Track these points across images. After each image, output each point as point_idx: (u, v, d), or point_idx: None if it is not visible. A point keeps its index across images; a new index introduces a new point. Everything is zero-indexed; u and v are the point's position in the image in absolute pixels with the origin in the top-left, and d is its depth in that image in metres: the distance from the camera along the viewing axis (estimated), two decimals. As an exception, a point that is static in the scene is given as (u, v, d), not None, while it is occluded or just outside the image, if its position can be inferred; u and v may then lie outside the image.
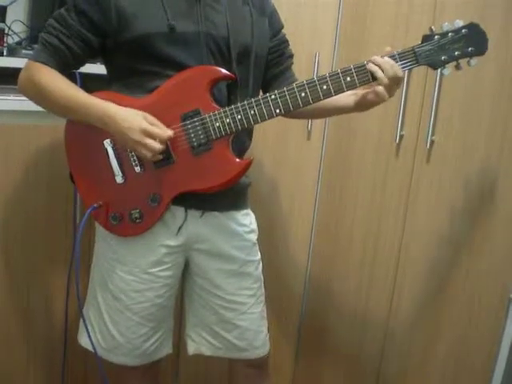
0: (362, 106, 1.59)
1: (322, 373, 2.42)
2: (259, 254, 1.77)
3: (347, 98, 1.61)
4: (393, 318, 2.23)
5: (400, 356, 2.25)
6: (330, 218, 2.27)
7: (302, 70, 1.96)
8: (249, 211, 1.76)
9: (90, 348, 1.70)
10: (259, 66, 1.67)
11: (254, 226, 1.77)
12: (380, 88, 1.47)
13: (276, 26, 1.73)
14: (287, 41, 1.78)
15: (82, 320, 1.71)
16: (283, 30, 1.76)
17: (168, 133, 1.48)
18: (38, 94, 1.53)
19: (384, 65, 1.45)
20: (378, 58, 1.46)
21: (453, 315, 2.13)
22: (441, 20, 1.88)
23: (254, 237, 1.75)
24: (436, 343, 2.17)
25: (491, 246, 2.04)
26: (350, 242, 2.26)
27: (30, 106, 1.57)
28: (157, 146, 1.45)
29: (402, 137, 2.09)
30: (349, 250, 2.27)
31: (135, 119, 1.46)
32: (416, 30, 2.00)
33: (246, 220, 1.73)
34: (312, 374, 2.43)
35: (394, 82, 1.47)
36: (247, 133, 1.68)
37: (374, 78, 1.47)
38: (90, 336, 1.68)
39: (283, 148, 2.24)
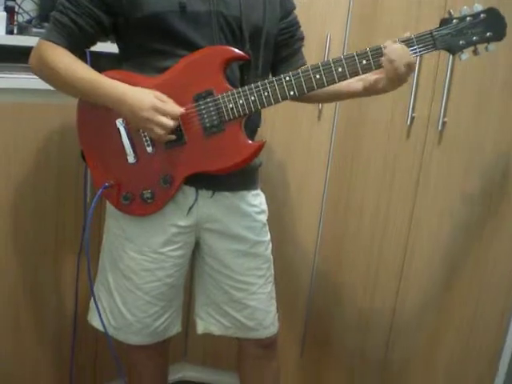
0: (372, 91, 1.57)
1: (328, 357, 2.43)
2: (269, 234, 1.77)
3: (355, 82, 1.60)
4: (400, 304, 2.23)
5: (406, 344, 2.26)
6: (339, 199, 2.27)
7: (313, 51, 1.95)
8: (259, 192, 1.76)
9: (100, 328, 1.71)
10: (269, 47, 1.65)
11: (265, 206, 1.77)
12: (391, 75, 1.45)
13: (288, 7, 1.70)
14: (298, 23, 1.76)
15: (92, 299, 1.72)
16: (295, 12, 1.74)
17: (179, 109, 1.47)
18: (48, 73, 1.53)
19: (396, 51, 1.44)
20: (390, 44, 1.45)
21: (461, 302, 2.13)
22: (453, 3, 1.88)
23: (264, 217, 1.75)
24: (443, 331, 2.18)
25: (502, 231, 2.03)
26: (359, 224, 2.26)
27: (41, 84, 1.57)
28: (169, 122, 1.45)
29: (413, 118, 2.07)
30: (358, 233, 2.26)
31: (145, 97, 1.45)
32: (429, 10, 1.98)
33: (257, 200, 1.73)
34: (318, 358, 2.44)
35: (406, 69, 1.45)
36: (258, 113, 1.67)
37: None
38: (100, 315, 1.69)
39: (294, 128, 2.23)
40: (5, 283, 1.90)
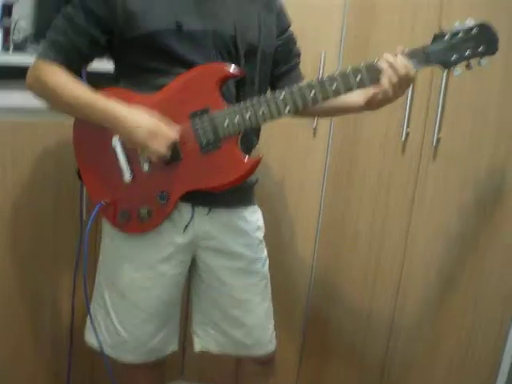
0: (372, 105, 1.57)
1: (326, 367, 2.42)
2: (266, 251, 1.77)
3: (357, 96, 1.60)
4: (398, 313, 2.23)
5: (405, 354, 2.26)
6: (335, 215, 2.27)
7: (308, 69, 1.95)
8: (256, 208, 1.76)
9: (96, 346, 1.70)
10: (266, 64, 1.66)
11: (261, 223, 1.77)
12: (390, 87, 1.46)
13: (283, 24, 1.72)
14: (295, 39, 1.77)
15: (88, 318, 1.71)
16: (291, 28, 1.75)
17: (175, 131, 1.48)
18: (45, 92, 1.53)
19: (395, 63, 1.45)
20: (389, 57, 1.45)
21: (458, 312, 2.13)
22: (447, 20, 1.89)
23: (260, 234, 1.75)
24: (442, 341, 2.17)
25: (497, 245, 2.04)
26: (355, 240, 2.26)
27: (37, 102, 1.57)
28: (163, 146, 1.46)
29: (408, 134, 2.08)
30: (354, 248, 2.27)
31: (142, 119, 1.46)
32: (422, 28, 2.00)
33: (253, 217, 1.73)
34: (317, 369, 2.44)
35: (405, 81, 1.46)
36: (255, 131, 1.68)
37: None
38: (96, 334, 1.68)
39: (289, 145, 2.24)
40: (3, 299, 1.90)
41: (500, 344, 2.11)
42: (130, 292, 1.64)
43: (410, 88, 2.00)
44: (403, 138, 2.09)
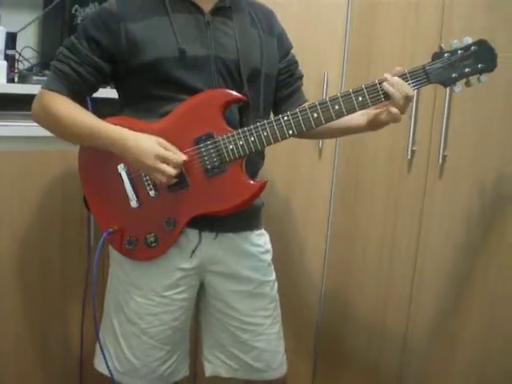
0: (375, 125, 1.58)
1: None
2: (274, 274, 1.76)
3: (359, 117, 1.61)
4: (411, 326, 2.22)
5: (420, 363, 2.23)
6: (343, 236, 2.27)
7: (311, 90, 1.97)
8: (263, 231, 1.76)
9: (106, 373, 1.70)
10: (269, 88, 1.67)
11: (269, 246, 1.76)
12: (393, 108, 1.47)
13: (285, 47, 1.73)
14: (297, 62, 1.78)
15: (98, 344, 1.71)
16: (292, 51, 1.76)
17: (182, 157, 1.48)
18: (51, 122, 1.55)
19: (395, 85, 1.46)
20: (389, 78, 1.46)
21: (473, 320, 2.10)
22: (448, 37, 1.90)
23: (268, 257, 1.75)
24: (457, 349, 2.14)
25: (508, 259, 2.02)
26: (364, 259, 2.26)
27: (42, 131, 1.58)
28: (171, 170, 1.45)
29: (413, 152, 2.08)
30: (364, 267, 2.26)
31: (148, 144, 1.46)
32: (423, 47, 2.00)
33: (261, 240, 1.73)
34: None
35: (406, 101, 1.47)
36: (260, 154, 1.68)
37: (387, 97, 1.47)
38: (106, 360, 1.67)
39: (295, 167, 2.25)
40: (13, 327, 1.91)
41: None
42: (138, 318, 1.63)
43: (414, 106, 2.02)
44: (409, 157, 2.09)
